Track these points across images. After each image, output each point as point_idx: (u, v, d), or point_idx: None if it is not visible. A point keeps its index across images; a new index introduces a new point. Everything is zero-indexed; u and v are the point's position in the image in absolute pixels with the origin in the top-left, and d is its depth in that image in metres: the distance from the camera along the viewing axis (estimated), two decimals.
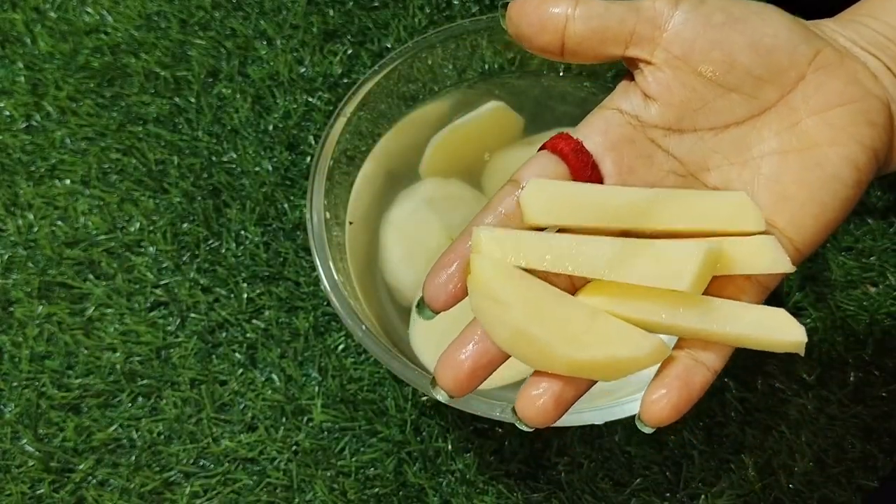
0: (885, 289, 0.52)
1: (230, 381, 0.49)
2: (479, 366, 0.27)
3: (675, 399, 0.27)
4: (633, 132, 0.30)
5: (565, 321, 0.27)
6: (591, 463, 0.47)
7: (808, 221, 0.29)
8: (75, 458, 0.48)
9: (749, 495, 0.47)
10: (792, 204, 0.29)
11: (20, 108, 0.57)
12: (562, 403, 0.27)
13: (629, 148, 0.29)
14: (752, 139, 0.30)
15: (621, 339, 0.27)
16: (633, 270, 0.27)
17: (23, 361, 0.49)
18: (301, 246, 0.53)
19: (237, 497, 0.47)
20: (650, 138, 0.30)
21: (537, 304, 0.27)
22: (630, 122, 0.30)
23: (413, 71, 0.49)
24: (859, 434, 0.48)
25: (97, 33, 0.59)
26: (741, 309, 0.28)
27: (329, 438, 0.48)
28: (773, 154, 0.29)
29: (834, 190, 0.29)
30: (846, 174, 0.29)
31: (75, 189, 0.54)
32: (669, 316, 0.27)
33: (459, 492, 0.47)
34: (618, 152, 0.29)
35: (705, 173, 0.30)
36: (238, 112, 0.56)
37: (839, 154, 0.29)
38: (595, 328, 0.27)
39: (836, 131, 0.29)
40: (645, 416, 0.27)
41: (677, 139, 0.30)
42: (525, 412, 0.27)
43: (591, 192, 0.28)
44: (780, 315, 0.28)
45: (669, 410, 0.27)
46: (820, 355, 0.50)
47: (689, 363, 0.28)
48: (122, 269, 0.52)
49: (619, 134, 0.30)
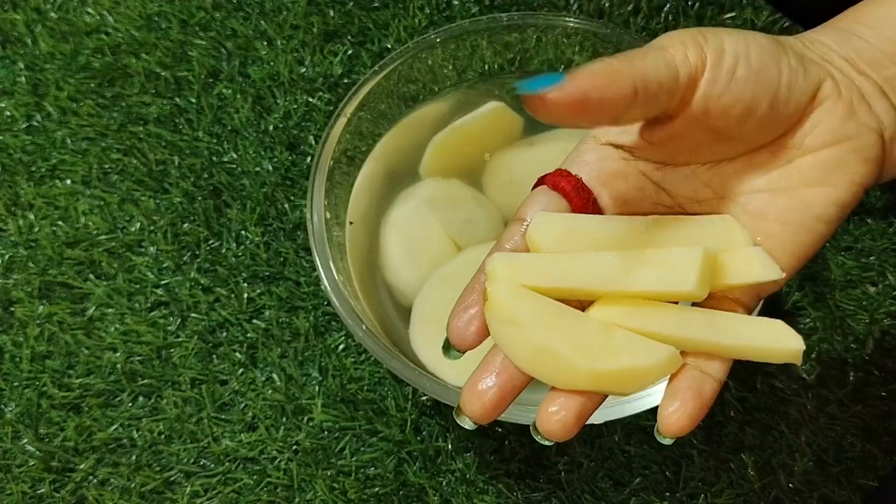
0: (885, 288, 0.52)
1: (231, 381, 0.49)
2: (505, 392, 0.28)
3: (690, 410, 0.28)
4: (625, 167, 0.30)
5: (582, 336, 0.28)
6: (591, 462, 0.47)
7: (785, 258, 0.30)
8: (76, 457, 0.48)
9: (749, 495, 0.47)
10: (773, 241, 0.30)
11: (21, 109, 0.57)
12: (582, 417, 0.28)
13: (623, 182, 0.30)
14: (745, 175, 0.30)
15: (638, 349, 0.28)
16: (640, 279, 0.28)
17: (24, 361, 0.50)
18: (301, 246, 0.53)
19: (238, 496, 0.47)
20: (641, 171, 0.30)
21: (553, 322, 0.28)
22: (622, 156, 0.30)
23: (413, 71, 0.49)
24: (859, 433, 0.48)
25: (98, 34, 0.59)
26: (741, 321, 0.29)
27: (329, 438, 0.48)
28: (763, 192, 0.30)
29: (816, 229, 0.29)
30: (830, 213, 0.29)
31: (76, 189, 0.54)
32: (676, 328, 0.28)
33: (459, 491, 0.47)
34: (613, 187, 0.30)
35: (694, 206, 0.31)
36: (238, 112, 0.56)
37: (828, 196, 0.29)
38: (611, 341, 0.28)
39: (827, 172, 0.29)
40: (663, 429, 0.28)
41: (670, 172, 0.30)
42: (547, 427, 0.28)
43: (594, 223, 0.29)
44: (779, 326, 0.29)
45: (685, 421, 0.28)
46: (820, 355, 0.50)
47: (697, 374, 0.29)
48: (122, 269, 0.52)
49: (612, 169, 0.30)
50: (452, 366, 0.43)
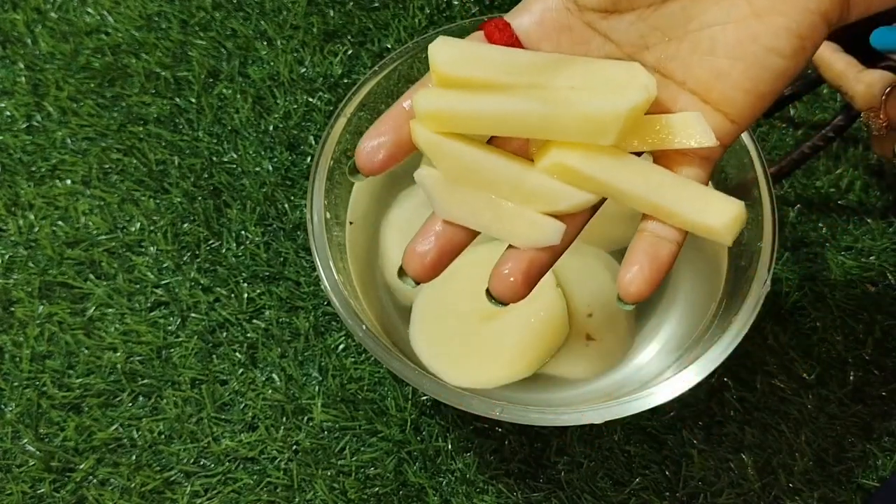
0: (885, 288, 0.52)
1: (231, 381, 0.49)
2: (444, 252, 0.29)
3: (647, 273, 0.28)
4: (569, 17, 0.29)
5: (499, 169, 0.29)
6: (591, 462, 0.47)
7: (740, 96, 0.28)
8: (76, 457, 0.48)
9: (748, 494, 0.47)
10: (724, 80, 0.28)
11: (21, 109, 0.57)
12: (529, 276, 0.29)
13: (565, 35, 0.29)
14: (692, 12, 0.29)
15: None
16: (564, 127, 0.28)
17: (24, 361, 0.50)
18: (301, 246, 0.53)
19: (238, 496, 0.47)
20: (586, 22, 0.29)
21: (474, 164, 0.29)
22: (567, 7, 0.29)
23: (413, 71, 0.49)
24: (859, 433, 0.48)
25: (98, 34, 0.59)
26: (682, 185, 0.29)
27: (329, 438, 0.48)
28: (712, 27, 0.28)
29: (769, 63, 0.28)
30: (784, 45, 0.28)
31: (76, 189, 0.54)
32: (602, 172, 0.28)
33: (459, 491, 0.47)
34: (553, 40, 0.30)
35: (643, 52, 0.29)
36: (238, 112, 0.56)
37: (778, 25, 0.27)
38: (526, 179, 0.29)
39: (776, 0, 0.27)
40: (623, 294, 0.28)
41: (615, 20, 0.29)
42: (496, 288, 0.29)
43: (496, 52, 0.29)
44: (717, 197, 0.28)
45: (642, 283, 0.28)
46: (819, 355, 0.50)
47: (652, 239, 0.29)
48: (122, 269, 0.52)
49: (555, 20, 0.29)
50: (452, 366, 0.43)
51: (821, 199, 0.54)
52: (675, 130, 0.28)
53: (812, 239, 0.53)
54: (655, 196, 0.28)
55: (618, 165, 0.28)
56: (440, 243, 0.29)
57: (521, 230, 0.29)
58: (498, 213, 0.29)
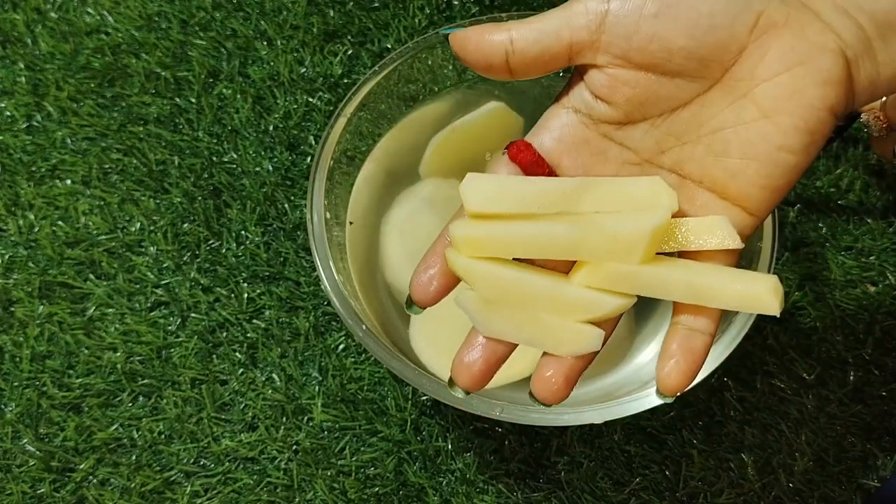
0: (885, 288, 0.52)
1: (231, 381, 0.49)
2: (490, 363, 0.31)
3: (684, 366, 0.30)
4: (585, 131, 0.31)
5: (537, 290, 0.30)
6: (591, 462, 0.47)
7: (756, 192, 0.30)
8: (76, 457, 0.48)
9: (749, 494, 0.47)
10: (740, 179, 0.29)
11: (21, 109, 0.57)
12: (570, 379, 0.30)
13: (584, 147, 0.31)
14: (703, 117, 0.30)
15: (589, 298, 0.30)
16: (591, 250, 0.29)
17: (24, 361, 0.50)
18: (301, 246, 0.53)
19: (238, 496, 0.47)
20: (602, 134, 0.31)
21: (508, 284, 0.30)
22: (583, 122, 0.31)
23: (413, 71, 0.49)
24: (859, 433, 0.48)
25: (98, 34, 0.59)
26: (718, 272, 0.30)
27: (329, 438, 0.48)
28: (724, 129, 0.30)
29: (781, 160, 0.29)
30: (793, 142, 0.29)
31: (76, 189, 0.54)
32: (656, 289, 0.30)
33: (459, 491, 0.47)
34: (573, 153, 0.31)
35: (659, 157, 0.31)
36: (238, 112, 0.56)
37: (787, 124, 0.28)
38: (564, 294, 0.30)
39: (783, 101, 0.28)
40: (662, 388, 0.30)
41: (630, 129, 0.31)
42: (540, 393, 0.30)
43: (524, 183, 0.30)
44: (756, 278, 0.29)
45: (681, 377, 0.30)
46: (819, 354, 0.50)
47: (686, 332, 0.30)
48: (122, 269, 0.52)
49: (573, 135, 0.31)
50: None
51: (821, 199, 0.54)
52: (701, 233, 0.30)
53: (812, 239, 0.53)
54: (698, 281, 0.29)
55: (651, 269, 0.29)
56: (486, 354, 0.31)
57: (564, 340, 0.30)
58: (539, 326, 0.30)
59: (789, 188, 0.30)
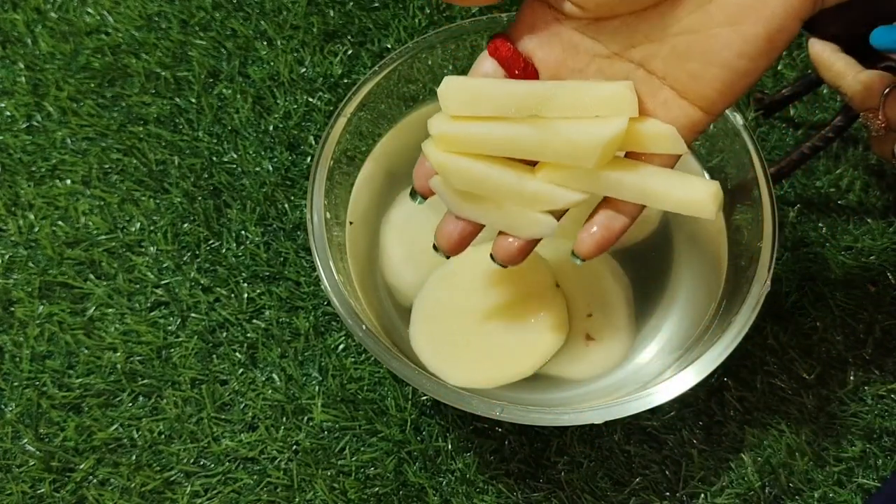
0: (885, 288, 0.52)
1: (231, 381, 0.49)
2: (465, 233, 0.35)
3: (598, 237, 0.34)
4: (558, 26, 0.33)
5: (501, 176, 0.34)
6: (591, 462, 0.47)
7: (713, 94, 0.31)
8: (76, 457, 0.48)
9: (749, 494, 0.47)
10: (699, 81, 0.31)
11: (21, 109, 0.57)
12: (524, 251, 0.35)
13: (556, 41, 0.33)
14: (671, 18, 0.31)
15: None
16: (552, 151, 0.32)
17: (24, 361, 0.50)
18: (301, 246, 0.53)
19: (238, 496, 0.47)
20: (575, 28, 0.33)
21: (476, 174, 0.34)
22: (556, 17, 0.33)
23: (413, 71, 0.49)
24: (859, 433, 0.48)
25: (98, 34, 0.59)
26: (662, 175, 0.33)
27: (329, 438, 0.48)
28: (686, 34, 0.31)
29: (741, 67, 0.30)
30: (753, 49, 0.29)
31: (76, 189, 0.54)
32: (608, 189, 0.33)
33: (459, 491, 0.47)
34: (546, 47, 0.33)
35: (629, 51, 0.32)
36: (238, 112, 0.56)
37: (749, 33, 0.29)
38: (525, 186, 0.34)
39: (748, 8, 0.29)
40: (576, 249, 0.35)
41: (602, 25, 0.32)
42: (498, 253, 0.35)
43: (497, 87, 0.33)
44: (694, 180, 0.33)
45: (594, 246, 0.34)
46: (819, 355, 0.50)
47: (611, 213, 0.34)
48: (122, 269, 0.52)
49: (546, 30, 0.33)
50: (453, 366, 0.43)
51: (821, 199, 0.54)
52: (649, 139, 0.33)
53: (812, 239, 0.53)
54: (646, 185, 0.33)
55: (605, 172, 0.33)
56: (460, 229, 0.35)
57: (523, 225, 0.34)
58: (502, 212, 0.34)
59: (747, 90, 0.32)
